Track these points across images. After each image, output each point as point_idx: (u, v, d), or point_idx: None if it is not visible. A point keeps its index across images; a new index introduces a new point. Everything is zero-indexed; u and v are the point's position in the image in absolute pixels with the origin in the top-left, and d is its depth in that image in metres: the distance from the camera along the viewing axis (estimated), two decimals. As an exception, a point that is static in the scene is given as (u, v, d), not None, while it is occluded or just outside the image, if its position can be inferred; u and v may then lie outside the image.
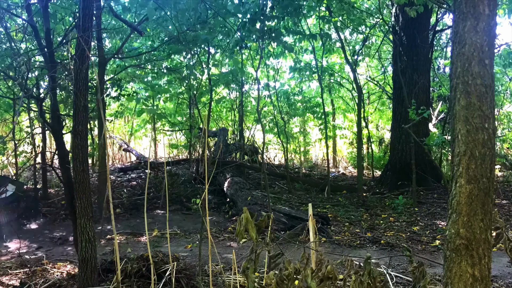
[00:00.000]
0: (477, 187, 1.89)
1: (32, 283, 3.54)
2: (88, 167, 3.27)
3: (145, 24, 6.79)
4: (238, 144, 10.87)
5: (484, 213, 1.89)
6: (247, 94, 12.31)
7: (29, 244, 5.39)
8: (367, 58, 12.81)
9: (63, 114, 5.35)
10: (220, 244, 5.27)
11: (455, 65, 1.95)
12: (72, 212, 3.43)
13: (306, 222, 3.84)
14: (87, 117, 3.28)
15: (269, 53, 9.89)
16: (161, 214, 7.11)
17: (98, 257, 3.61)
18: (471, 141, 1.89)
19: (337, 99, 14.45)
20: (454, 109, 1.95)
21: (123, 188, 9.16)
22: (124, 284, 3.28)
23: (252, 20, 6.53)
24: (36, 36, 3.97)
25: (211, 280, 2.55)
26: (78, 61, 3.10)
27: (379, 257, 4.53)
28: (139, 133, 15.93)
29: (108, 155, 4.88)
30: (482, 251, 1.90)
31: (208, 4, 6.00)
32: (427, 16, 9.21)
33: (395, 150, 9.42)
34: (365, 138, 11.87)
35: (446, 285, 1.97)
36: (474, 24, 1.88)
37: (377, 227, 6.13)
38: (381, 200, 8.20)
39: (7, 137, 7.13)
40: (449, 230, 1.96)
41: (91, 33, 3.17)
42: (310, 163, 14.01)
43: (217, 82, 9.78)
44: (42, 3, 3.81)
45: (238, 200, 7.20)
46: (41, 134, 7.89)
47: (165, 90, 9.87)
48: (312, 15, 9.68)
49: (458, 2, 1.92)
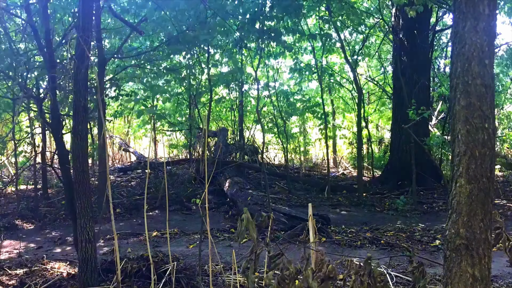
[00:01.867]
0: (477, 187, 1.88)
1: (32, 283, 3.54)
2: (88, 167, 3.27)
3: (144, 24, 6.79)
4: (238, 144, 10.87)
5: (484, 213, 1.89)
6: (246, 94, 12.31)
7: (29, 244, 5.39)
8: (367, 58, 12.82)
9: (63, 114, 5.35)
10: (220, 244, 5.27)
11: (455, 65, 1.95)
12: (72, 212, 3.43)
13: (306, 222, 3.82)
14: (87, 117, 3.28)
15: (269, 53, 9.89)
16: (161, 214, 7.11)
17: (98, 257, 3.61)
18: (471, 141, 1.89)
19: (337, 99, 14.45)
20: (454, 109, 1.95)
21: (123, 188, 9.17)
22: (124, 284, 3.28)
23: (251, 20, 6.53)
24: (35, 36, 3.97)
25: (211, 280, 2.55)
26: (77, 61, 3.10)
27: (379, 257, 4.53)
28: (139, 133, 15.93)
29: (108, 155, 4.88)
30: (482, 251, 1.90)
31: (207, 5, 6.00)
32: (427, 16, 9.21)
33: (395, 150, 9.43)
34: (365, 138, 11.87)
35: (446, 285, 1.97)
36: (474, 24, 1.88)
37: (377, 227, 6.13)
38: (381, 200, 8.21)
39: (6, 137, 7.12)
40: (449, 230, 1.96)
41: (90, 33, 3.17)
42: (310, 163, 14.01)
43: (217, 82, 9.78)
44: (41, 3, 3.81)
45: (238, 200, 7.20)
46: (41, 134, 7.89)
47: (164, 91, 9.87)
48: (312, 15, 9.68)
49: (458, 2, 1.92)
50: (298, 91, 12.37)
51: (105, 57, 6.67)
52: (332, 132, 13.24)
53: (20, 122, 8.84)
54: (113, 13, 5.64)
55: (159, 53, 8.37)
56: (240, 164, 9.49)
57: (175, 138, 13.72)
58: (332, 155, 14.64)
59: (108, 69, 8.33)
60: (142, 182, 9.87)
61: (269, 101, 11.18)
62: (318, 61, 10.34)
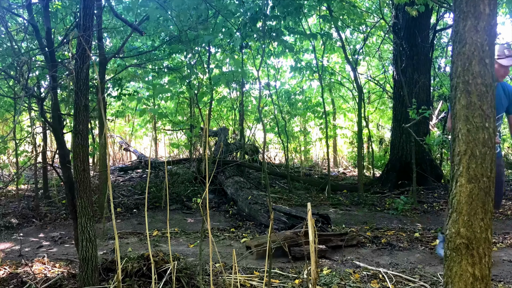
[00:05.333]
0: (478, 186, 1.89)
1: (32, 282, 3.54)
2: (88, 166, 3.27)
3: (145, 23, 6.79)
4: (238, 144, 10.88)
5: (484, 212, 1.90)
6: (247, 93, 12.32)
7: (29, 243, 5.40)
8: (367, 58, 12.82)
9: (64, 114, 5.35)
10: (220, 244, 5.28)
11: (455, 65, 1.95)
12: (73, 211, 3.43)
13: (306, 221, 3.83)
14: (88, 116, 3.28)
15: (270, 52, 9.90)
16: (162, 213, 7.12)
17: (99, 256, 3.62)
18: (471, 141, 1.89)
19: (337, 99, 14.45)
20: (455, 108, 1.95)
21: (123, 187, 9.18)
22: (124, 283, 3.29)
23: (253, 20, 6.53)
24: (37, 35, 3.97)
25: (211, 279, 2.55)
26: (79, 61, 3.10)
27: (379, 257, 4.53)
28: (140, 133, 15.96)
29: (108, 155, 4.88)
30: (482, 250, 1.90)
31: (210, 4, 6.00)
32: (428, 15, 9.21)
33: (396, 149, 9.43)
34: (366, 137, 11.88)
35: (447, 284, 1.98)
36: (475, 23, 1.88)
37: (377, 226, 6.13)
38: (382, 199, 8.21)
39: (7, 136, 7.13)
40: (449, 229, 1.96)
41: (92, 33, 3.17)
42: (311, 163, 14.01)
43: (218, 81, 9.79)
44: (43, 3, 3.81)
45: (239, 200, 7.21)
46: (41, 134, 7.90)
47: (166, 90, 9.89)
48: (312, 14, 9.68)
49: (459, 2, 1.93)
50: (299, 93, 12.36)
51: (106, 56, 6.67)
52: (332, 131, 13.25)
53: (21, 122, 8.86)
54: (114, 13, 5.64)
55: (160, 53, 8.37)
56: (240, 163, 9.49)
57: (176, 138, 13.74)
58: (332, 155, 14.65)
59: (109, 68, 8.34)
60: (142, 181, 9.88)
61: (270, 101, 11.19)
62: (319, 61, 10.34)
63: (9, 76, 4.98)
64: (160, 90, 9.05)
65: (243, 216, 6.80)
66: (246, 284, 3.58)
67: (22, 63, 3.92)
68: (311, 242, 2.53)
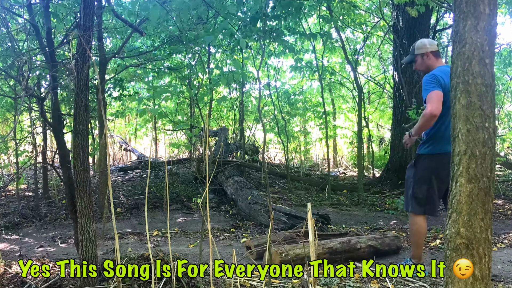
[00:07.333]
0: (478, 186, 1.89)
1: (32, 282, 3.54)
2: (89, 166, 3.27)
3: (146, 24, 6.78)
4: (238, 144, 10.88)
5: (484, 212, 1.90)
6: (247, 93, 12.32)
7: (29, 243, 5.40)
8: (367, 58, 12.82)
9: (64, 114, 5.35)
10: (220, 244, 5.28)
11: (455, 65, 1.95)
12: (73, 211, 3.43)
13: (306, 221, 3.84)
14: (88, 116, 3.28)
15: (270, 52, 9.90)
16: (162, 213, 7.12)
17: (99, 256, 3.62)
18: (471, 140, 1.89)
19: (337, 98, 14.45)
20: (455, 108, 1.95)
21: (123, 187, 9.18)
22: (124, 283, 3.29)
23: (253, 20, 6.52)
24: (37, 35, 3.98)
25: (211, 279, 2.55)
26: (79, 60, 3.10)
27: (379, 257, 4.54)
28: (140, 133, 15.96)
29: (108, 155, 4.89)
30: (482, 250, 1.90)
31: (209, 5, 5.99)
32: (428, 15, 9.21)
33: (396, 149, 9.43)
34: (366, 137, 11.88)
35: (446, 284, 1.98)
36: (475, 23, 1.88)
37: (377, 226, 6.13)
38: (382, 199, 8.21)
39: (8, 136, 7.13)
40: (449, 229, 1.96)
41: (92, 33, 3.17)
42: (311, 163, 14.02)
43: (218, 81, 9.79)
44: (43, 3, 3.81)
45: (239, 199, 7.21)
46: (41, 134, 7.90)
47: (166, 91, 9.89)
48: (313, 14, 9.68)
49: (459, 2, 1.93)
50: (299, 93, 12.36)
51: (106, 56, 6.67)
52: (332, 131, 13.25)
53: (21, 122, 8.86)
54: (114, 14, 5.64)
55: (160, 53, 8.37)
56: (240, 163, 9.49)
57: (176, 138, 13.74)
58: (332, 155, 14.65)
59: (109, 68, 8.34)
60: (142, 181, 9.88)
61: (270, 101, 11.19)
62: (319, 61, 10.34)
63: (10, 76, 4.98)
64: (162, 91, 9.06)
65: (243, 216, 6.80)
66: (246, 284, 3.58)
67: (23, 63, 3.93)
68: (311, 242, 2.54)
